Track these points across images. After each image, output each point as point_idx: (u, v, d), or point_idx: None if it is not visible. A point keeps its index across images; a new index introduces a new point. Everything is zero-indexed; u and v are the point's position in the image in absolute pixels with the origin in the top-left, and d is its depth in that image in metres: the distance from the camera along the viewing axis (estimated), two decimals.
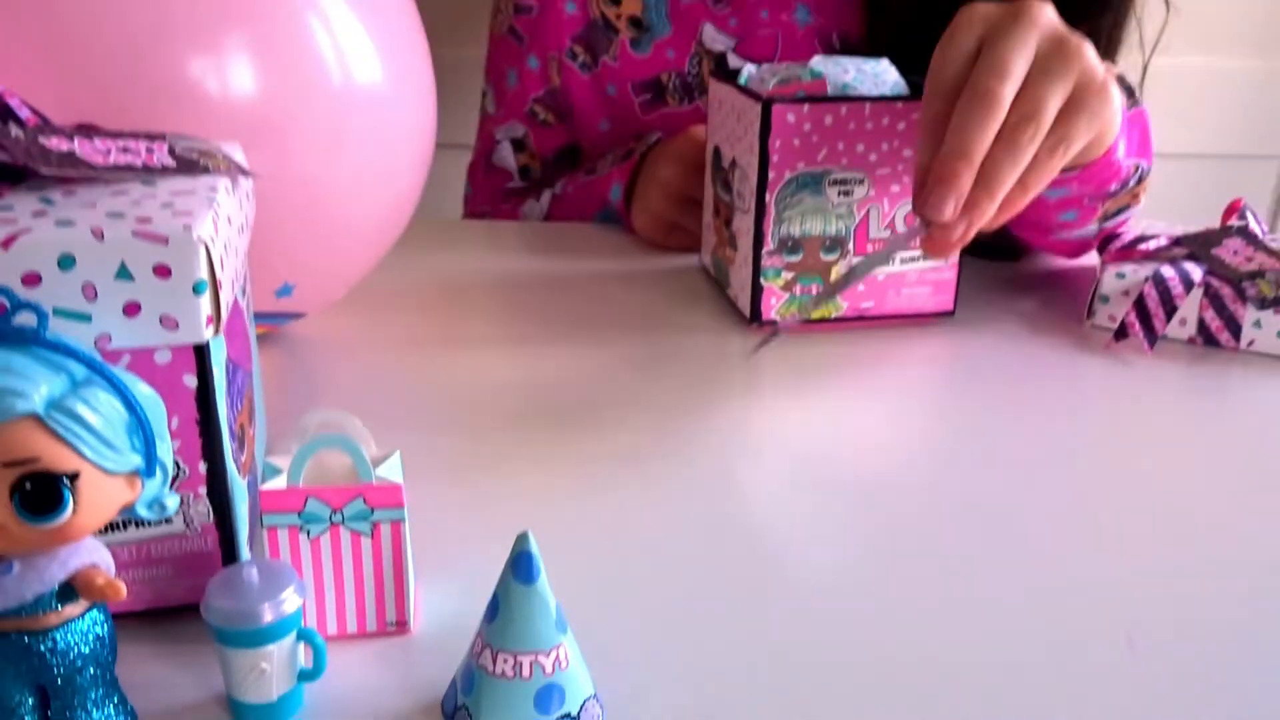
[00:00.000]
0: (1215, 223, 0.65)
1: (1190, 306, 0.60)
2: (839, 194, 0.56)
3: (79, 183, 0.31)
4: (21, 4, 0.41)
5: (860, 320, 0.60)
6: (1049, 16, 0.48)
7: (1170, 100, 1.19)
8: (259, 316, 0.49)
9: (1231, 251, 0.61)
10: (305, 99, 0.45)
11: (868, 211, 0.57)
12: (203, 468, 0.31)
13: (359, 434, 0.32)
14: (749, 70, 0.60)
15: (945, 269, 0.59)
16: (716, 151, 0.63)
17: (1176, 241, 0.63)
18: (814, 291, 0.58)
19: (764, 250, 0.57)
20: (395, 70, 0.50)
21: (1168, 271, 0.59)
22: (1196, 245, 0.62)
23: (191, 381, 0.29)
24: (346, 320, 0.60)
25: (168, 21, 0.42)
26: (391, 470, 0.33)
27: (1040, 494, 0.45)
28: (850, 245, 0.57)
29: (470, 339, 0.60)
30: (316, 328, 0.59)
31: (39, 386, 0.24)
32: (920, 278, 0.59)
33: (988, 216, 0.47)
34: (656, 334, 0.59)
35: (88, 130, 0.34)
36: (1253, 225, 0.65)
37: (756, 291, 0.58)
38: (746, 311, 0.59)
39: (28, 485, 0.24)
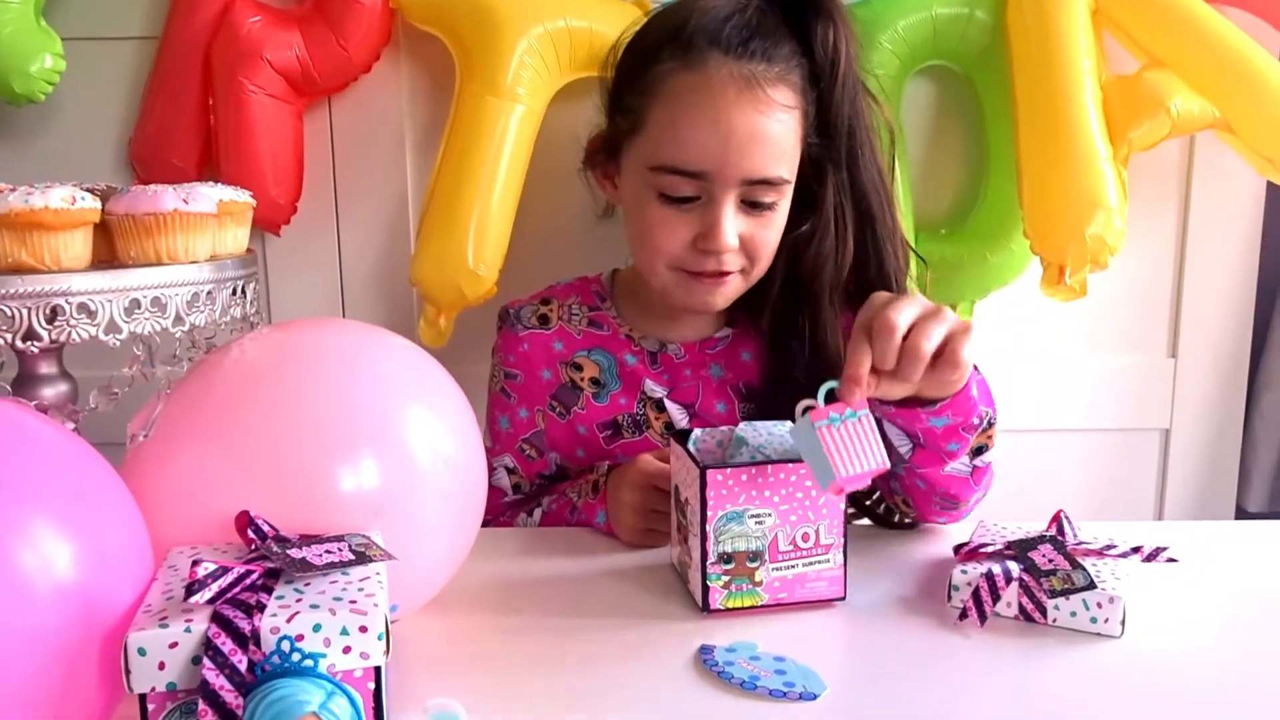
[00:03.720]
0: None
1: (1011, 594, 0.85)
2: (755, 523, 0.83)
3: (311, 576, 0.58)
4: (248, 454, 0.69)
5: (777, 606, 0.85)
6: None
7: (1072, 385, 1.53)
8: None
9: (1041, 554, 0.87)
10: (410, 486, 0.73)
11: (776, 534, 0.84)
12: None
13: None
14: (696, 434, 0.89)
15: (835, 568, 0.86)
16: (676, 488, 0.90)
17: (1008, 545, 0.89)
18: (744, 589, 0.84)
19: (708, 562, 0.83)
20: (463, 447, 0.78)
21: (996, 569, 0.85)
22: (1019, 549, 0.88)
23: (371, 685, 0.55)
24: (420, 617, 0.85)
25: (324, 446, 0.71)
26: None
27: None
28: (766, 556, 0.84)
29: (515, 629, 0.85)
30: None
31: (314, 696, 0.50)
32: (818, 575, 0.85)
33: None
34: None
35: (306, 539, 0.61)
36: (1066, 529, 0.91)
37: (705, 590, 0.84)
38: (700, 603, 0.85)
39: None
